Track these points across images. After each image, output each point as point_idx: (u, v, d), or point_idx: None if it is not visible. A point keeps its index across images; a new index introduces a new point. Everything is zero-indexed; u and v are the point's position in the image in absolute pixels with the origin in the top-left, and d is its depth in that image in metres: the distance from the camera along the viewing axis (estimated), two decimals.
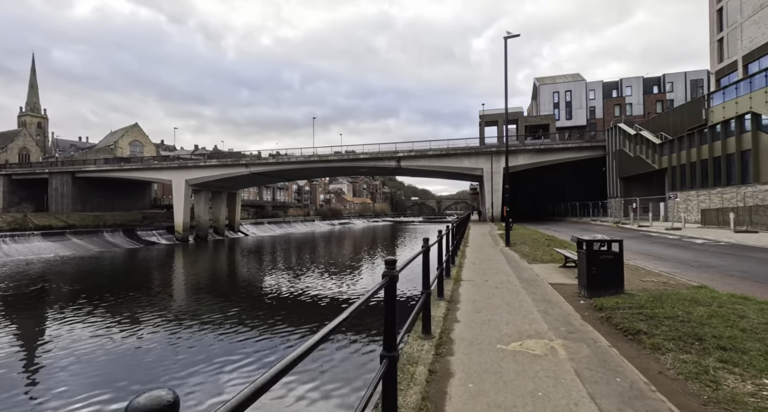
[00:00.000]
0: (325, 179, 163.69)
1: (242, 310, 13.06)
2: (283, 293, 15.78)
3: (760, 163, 19.25)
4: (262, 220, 79.31)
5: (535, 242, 13.88)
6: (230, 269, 24.57)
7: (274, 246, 41.85)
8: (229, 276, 21.69)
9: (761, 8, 28.51)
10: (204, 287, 18.20)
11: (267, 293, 16.27)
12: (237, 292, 16.97)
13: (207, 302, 14.51)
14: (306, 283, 18.04)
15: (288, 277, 19.96)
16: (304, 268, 23.06)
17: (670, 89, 56.00)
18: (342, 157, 46.81)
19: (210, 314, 12.47)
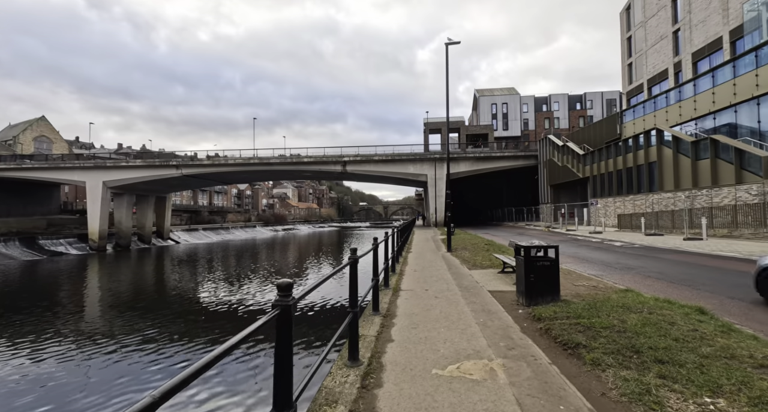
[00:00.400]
0: (269, 183, 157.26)
1: (159, 327, 11.42)
2: (209, 307, 14.24)
3: (663, 173, 21.74)
4: (197, 226, 73.46)
5: (475, 247, 14.06)
6: (151, 282, 21.90)
7: (209, 255, 38.59)
8: (147, 289, 19.23)
9: (661, 39, 32.69)
10: (115, 302, 15.85)
11: (191, 307, 14.58)
12: (156, 307, 14.99)
13: (117, 319, 12.53)
14: (237, 295, 16.55)
15: (216, 289, 18.21)
16: (237, 278, 21.31)
17: (590, 106, 62.27)
18: (285, 160, 44.93)
19: (120, 332, 10.69)
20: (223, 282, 20.11)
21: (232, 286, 18.80)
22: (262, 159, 45.11)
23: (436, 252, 13.68)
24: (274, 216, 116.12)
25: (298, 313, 12.19)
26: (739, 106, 18.81)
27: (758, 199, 15.41)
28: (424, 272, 9.15)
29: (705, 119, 21.10)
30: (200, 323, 12.27)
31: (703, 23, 27.70)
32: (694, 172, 19.28)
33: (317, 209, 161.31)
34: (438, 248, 15.50)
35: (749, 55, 18.19)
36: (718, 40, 26.23)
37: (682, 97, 22.84)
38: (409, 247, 16.41)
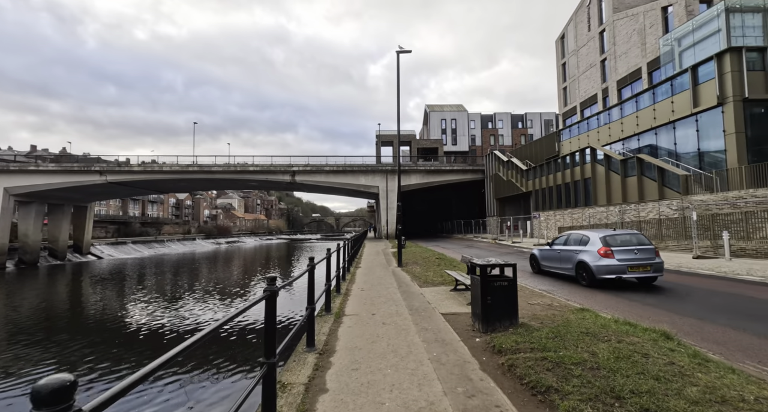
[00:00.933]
0: (212, 193, 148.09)
1: (56, 358, 9.31)
2: (126, 331, 12.13)
3: (597, 189, 23.29)
4: (126, 239, 66.32)
5: (426, 262, 13.60)
6: (53, 305, 18.60)
7: (136, 271, 34.40)
8: (45, 314, 16.20)
9: (590, 67, 35.87)
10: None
11: (100, 333, 12.32)
12: (54, 335, 12.48)
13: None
14: (163, 317, 14.44)
15: (138, 311, 15.83)
16: (165, 298, 18.86)
17: (531, 126, 66.77)
18: (228, 168, 42.12)
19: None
20: (146, 303, 17.62)
21: (156, 307, 16.48)
22: (202, 167, 41.87)
23: (386, 267, 12.98)
24: (217, 228, 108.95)
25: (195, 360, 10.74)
26: (658, 129, 20.77)
27: (678, 213, 16.83)
28: (372, 291, 8.36)
29: (630, 140, 23.07)
30: (110, 351, 10.28)
31: (626, 55, 30.80)
32: (623, 188, 20.81)
33: (265, 221, 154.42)
34: (388, 262, 14.83)
35: (665, 84, 20.24)
36: (638, 71, 29.23)
37: (611, 120, 24.89)
38: (359, 261, 15.56)
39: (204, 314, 14.73)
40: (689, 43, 20.65)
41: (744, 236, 12.89)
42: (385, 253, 19.99)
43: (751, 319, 5.49)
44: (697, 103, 18.09)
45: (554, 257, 10.26)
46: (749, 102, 16.44)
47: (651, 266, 8.12)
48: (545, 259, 10.81)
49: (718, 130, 17.15)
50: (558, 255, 10.07)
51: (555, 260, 10.21)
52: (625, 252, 8.28)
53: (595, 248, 8.58)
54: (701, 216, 14.82)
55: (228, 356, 9.40)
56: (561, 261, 9.88)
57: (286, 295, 16.01)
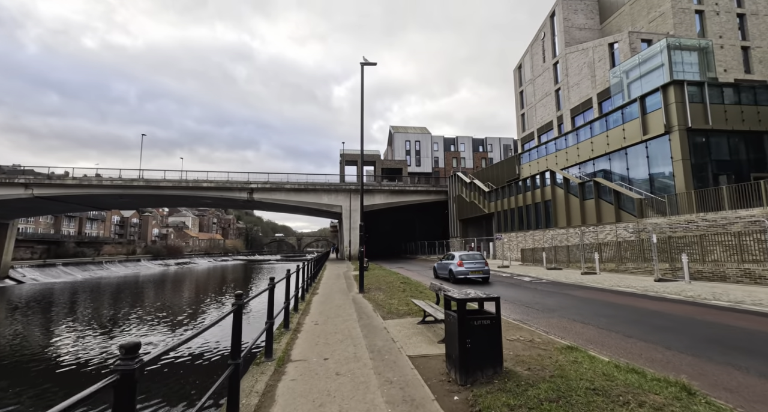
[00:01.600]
0: (163, 211, 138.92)
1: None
2: (34, 369, 9.79)
3: (557, 211, 23.75)
4: (56, 261, 59.35)
5: (391, 287, 12.55)
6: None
7: (63, 298, 30.11)
8: None
9: (546, 96, 37.86)
10: None
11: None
12: None
13: None
14: (85, 351, 12.05)
15: (53, 345, 13.20)
16: (90, 329, 16.13)
17: (491, 150, 69.33)
18: (179, 184, 39.11)
19: None
20: (67, 335, 14.89)
21: (77, 340, 13.90)
22: (149, 181, 38.55)
23: (347, 293, 11.76)
24: (167, 248, 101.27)
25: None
26: (612, 154, 21.71)
27: (635, 236, 17.22)
28: (328, 326, 7.15)
29: (586, 165, 23.97)
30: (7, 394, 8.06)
31: (578, 85, 32.78)
32: (582, 210, 21.28)
33: (221, 241, 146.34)
34: (349, 287, 13.60)
35: (617, 112, 21.35)
36: (589, 100, 31.08)
37: (568, 145, 25.88)
38: (317, 286, 14.19)
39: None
40: (636, 76, 22.13)
41: (698, 258, 13.17)
42: (346, 276, 18.68)
43: (748, 355, 4.97)
44: (647, 131, 19.08)
45: (442, 266, 16.78)
46: (692, 131, 17.50)
47: (483, 272, 14.95)
48: (438, 268, 17.42)
49: (667, 157, 18.05)
50: (442, 265, 16.69)
51: (442, 268, 16.75)
52: (470, 264, 15.08)
53: (456, 261, 15.29)
54: (657, 239, 15.16)
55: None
56: (443, 269, 16.42)
57: (213, 334, 14.07)
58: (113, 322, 18.55)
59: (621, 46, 27.53)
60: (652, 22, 29.54)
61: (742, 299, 8.84)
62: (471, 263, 14.88)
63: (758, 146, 18.15)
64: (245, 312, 15.36)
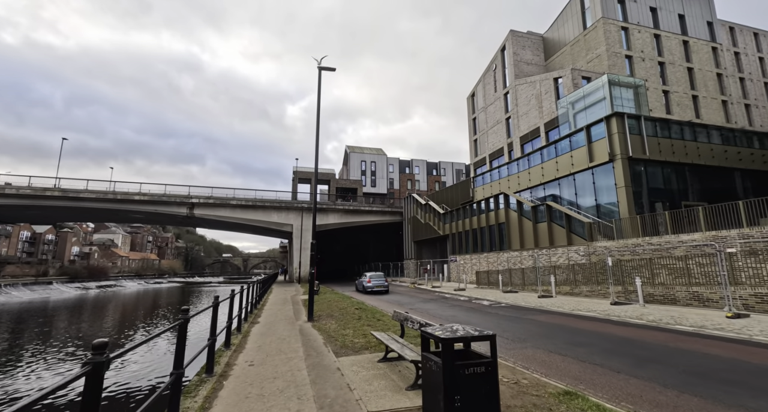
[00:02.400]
0: (87, 226, 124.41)
1: None
2: None
3: (511, 234, 24.02)
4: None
5: (344, 314, 11.18)
6: None
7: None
8: None
9: (497, 123, 39.64)
10: None
11: None
12: None
13: None
14: None
15: None
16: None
17: (444, 174, 71.21)
18: (104, 196, 34.62)
19: None
20: None
21: None
22: (66, 192, 33.69)
23: (293, 322, 10.20)
24: (88, 269, 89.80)
25: None
26: (561, 180, 22.60)
27: (585, 259, 17.57)
28: (265, 367, 5.69)
29: (537, 189, 24.77)
30: None
31: (527, 115, 34.66)
32: (535, 233, 21.63)
33: (156, 261, 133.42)
34: (297, 314, 11.99)
35: (565, 140, 22.44)
36: (537, 130, 32.86)
37: (520, 169, 26.74)
38: (259, 313, 12.38)
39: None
40: (581, 107, 23.64)
41: (648, 281, 13.47)
42: (294, 301, 16.88)
43: (750, 392, 4.43)
44: (593, 159, 20.08)
45: (359, 282, 24.19)
46: (632, 160, 18.64)
47: (383, 286, 22.41)
48: (357, 284, 24.88)
49: (611, 184, 18.99)
50: (360, 282, 24.10)
51: (359, 284, 23.95)
52: (375, 280, 22.60)
53: (366, 279, 22.83)
54: (598, 262, 15.51)
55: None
56: (360, 285, 23.73)
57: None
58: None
59: (564, 80, 29.65)
60: (590, 63, 32.39)
61: (703, 324, 8.77)
62: (376, 280, 22.63)
63: (684, 177, 19.80)
64: (146, 353, 13.09)
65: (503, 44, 39.56)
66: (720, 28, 36.36)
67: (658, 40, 33.06)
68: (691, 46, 33.90)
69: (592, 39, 32.45)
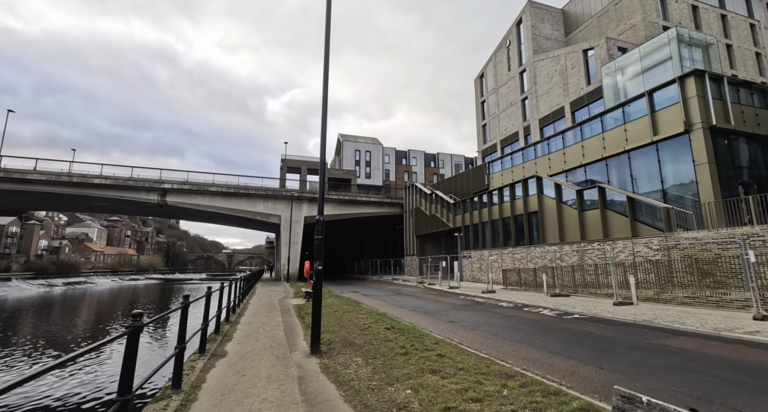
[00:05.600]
0: (60, 219, 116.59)
1: None
2: None
3: (545, 225, 20.05)
4: None
5: (370, 338, 6.84)
6: None
7: None
8: None
9: (511, 105, 35.73)
10: None
11: None
12: None
13: None
14: None
15: None
16: None
17: (442, 166, 67.27)
18: (57, 178, 29.30)
19: None
20: None
21: None
22: (10, 172, 28.27)
23: (286, 356, 5.88)
24: (57, 264, 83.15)
25: None
26: (609, 160, 18.71)
27: (662, 254, 13.68)
28: None
29: (575, 172, 20.88)
30: None
31: (547, 94, 30.79)
32: (581, 223, 17.68)
33: (135, 256, 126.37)
34: (290, 334, 7.67)
35: (615, 111, 18.53)
36: (561, 110, 29.02)
37: (551, 150, 22.79)
38: (232, 329, 8.03)
39: None
40: (635, 72, 19.81)
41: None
42: (283, 308, 12.47)
43: None
44: (657, 131, 16.20)
45: None
46: (716, 131, 14.82)
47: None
48: None
49: (685, 160, 15.14)
50: None
51: None
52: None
53: None
54: (692, 258, 11.62)
55: None
56: None
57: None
58: None
59: (597, 52, 25.82)
60: (622, 34, 28.67)
61: None
62: None
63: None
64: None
65: (519, 17, 35.59)
66: (757, 4, 33.16)
67: (696, 12, 29.56)
68: (729, 22, 30.54)
69: (625, 8, 28.70)
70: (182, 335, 4.51)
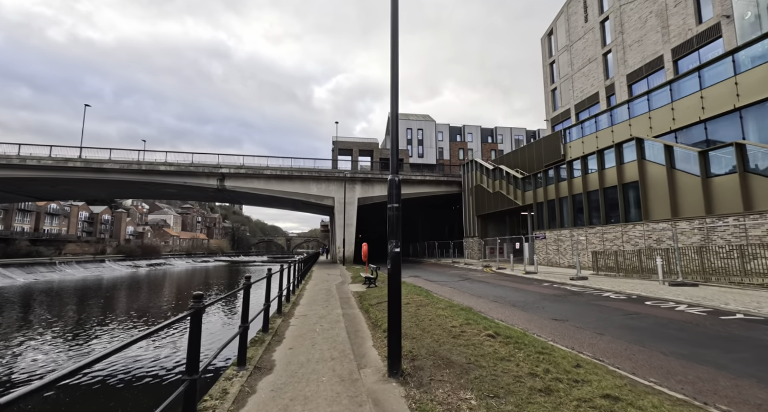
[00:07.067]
0: (143, 207, 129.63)
1: None
2: None
3: (649, 197, 16.34)
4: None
5: (467, 348, 4.84)
6: None
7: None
8: None
9: (588, 62, 30.65)
10: None
11: None
12: None
13: None
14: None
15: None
16: None
17: (501, 141, 62.20)
18: (128, 166, 30.84)
19: None
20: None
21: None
22: (89, 162, 30.24)
23: (351, 368, 4.13)
24: (142, 247, 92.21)
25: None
26: (746, 110, 14.40)
27: None
28: None
29: (689, 131, 16.66)
30: None
31: (639, 43, 25.59)
32: (705, 193, 13.89)
33: (205, 240, 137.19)
34: (352, 332, 5.96)
35: (753, 46, 14.06)
36: (659, 60, 23.89)
37: (653, 107, 18.54)
38: (286, 321, 6.55)
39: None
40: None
41: None
42: (342, 295, 10.94)
43: None
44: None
45: None
46: None
47: None
48: None
49: None
50: None
51: None
52: None
53: None
54: None
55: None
56: None
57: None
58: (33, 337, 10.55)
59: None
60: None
61: None
62: None
63: None
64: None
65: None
66: None
67: None
68: None
69: None
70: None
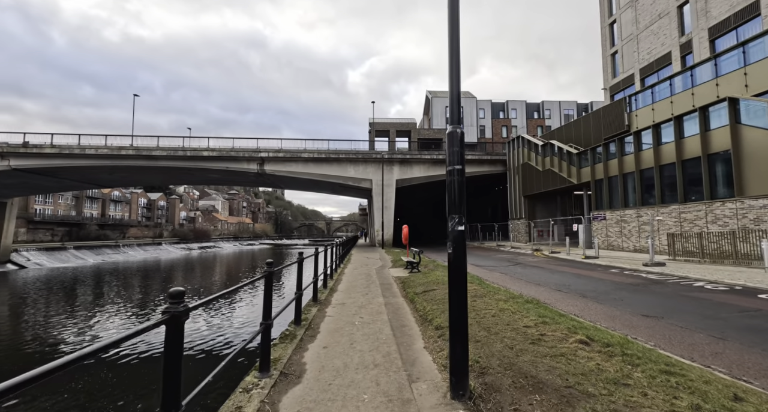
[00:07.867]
0: (194, 194, 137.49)
1: None
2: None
3: (744, 169, 13.72)
4: (69, 244, 55.49)
5: (555, 359, 3.68)
6: None
7: (64, 284, 24.42)
8: None
9: (658, 18, 26.64)
10: None
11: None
12: None
13: None
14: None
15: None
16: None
17: (548, 116, 57.69)
18: (174, 153, 31.91)
19: None
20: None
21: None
22: (139, 150, 31.64)
23: (400, 382, 3.19)
24: (194, 231, 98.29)
25: None
26: None
27: None
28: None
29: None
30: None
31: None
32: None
33: (250, 225, 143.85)
34: (397, 328, 5.03)
35: None
36: (750, 7, 20.00)
37: (750, 61, 15.43)
38: (322, 311, 5.79)
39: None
40: None
41: None
42: (383, 281, 10.07)
43: None
44: None
45: None
46: None
47: None
48: None
49: None
50: None
51: None
52: None
53: None
54: None
55: None
56: None
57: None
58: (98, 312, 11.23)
59: None
60: None
61: None
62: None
63: None
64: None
65: None
66: None
67: None
68: None
69: None
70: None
